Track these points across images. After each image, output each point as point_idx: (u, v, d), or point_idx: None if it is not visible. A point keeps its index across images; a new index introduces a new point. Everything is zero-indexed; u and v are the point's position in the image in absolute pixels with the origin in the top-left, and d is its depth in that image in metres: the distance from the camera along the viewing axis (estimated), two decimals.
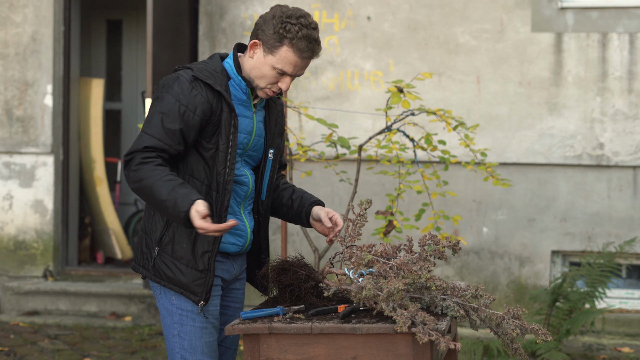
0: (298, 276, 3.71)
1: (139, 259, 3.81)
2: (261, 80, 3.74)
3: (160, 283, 3.74)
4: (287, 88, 3.75)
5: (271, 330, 3.42)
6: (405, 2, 8.18)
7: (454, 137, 7.12)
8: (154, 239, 3.73)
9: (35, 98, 8.75)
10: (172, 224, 3.70)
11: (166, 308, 3.77)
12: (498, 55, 8.06)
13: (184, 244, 3.70)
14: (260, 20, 3.73)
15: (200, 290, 3.71)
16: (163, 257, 3.72)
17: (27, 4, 8.75)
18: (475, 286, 3.54)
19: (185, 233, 3.69)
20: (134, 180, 3.60)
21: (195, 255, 3.70)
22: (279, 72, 3.70)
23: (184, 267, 3.70)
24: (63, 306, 8.56)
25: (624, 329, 7.80)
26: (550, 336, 3.44)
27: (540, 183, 8.03)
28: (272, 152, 3.89)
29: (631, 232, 7.85)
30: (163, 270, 3.72)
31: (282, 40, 3.66)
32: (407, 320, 3.26)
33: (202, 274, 3.71)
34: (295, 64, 3.69)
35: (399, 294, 3.33)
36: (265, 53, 3.69)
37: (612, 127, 7.92)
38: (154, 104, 3.69)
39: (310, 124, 8.07)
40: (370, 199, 3.84)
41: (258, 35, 3.71)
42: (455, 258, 8.15)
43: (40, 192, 8.80)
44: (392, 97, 5.77)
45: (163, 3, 8.29)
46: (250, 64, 3.74)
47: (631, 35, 7.90)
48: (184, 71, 3.72)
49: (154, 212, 3.75)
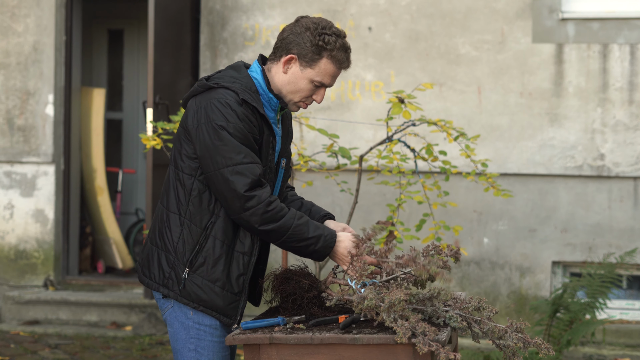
0: (301, 285, 3.71)
1: (158, 277, 3.67)
2: (296, 94, 3.68)
3: (190, 305, 3.62)
4: (321, 100, 3.72)
5: (272, 340, 3.41)
6: (406, 12, 8.20)
7: (455, 147, 7.13)
8: (183, 259, 3.62)
9: (37, 107, 8.76)
10: (206, 244, 3.61)
11: (181, 322, 3.67)
12: (499, 66, 8.07)
13: (221, 267, 3.61)
14: (288, 34, 3.65)
15: (234, 313, 3.66)
16: (195, 279, 3.61)
17: (29, 13, 8.77)
18: (477, 298, 3.54)
19: (221, 256, 3.62)
20: (267, 221, 3.52)
21: (230, 278, 3.63)
22: (317, 84, 3.66)
23: (219, 289, 3.62)
24: (64, 315, 8.56)
25: (624, 340, 7.80)
26: (552, 350, 3.43)
27: (541, 194, 8.03)
28: (284, 162, 3.83)
29: (632, 243, 7.85)
30: (196, 293, 3.61)
31: (321, 52, 3.61)
32: (407, 331, 3.26)
33: (236, 296, 3.66)
34: (334, 74, 3.67)
35: (400, 304, 3.33)
36: (303, 67, 3.63)
37: (613, 138, 7.92)
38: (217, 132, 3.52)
39: (312, 134, 8.08)
40: (381, 225, 3.79)
41: (291, 49, 3.62)
42: (456, 268, 8.15)
43: (41, 201, 8.80)
44: (393, 107, 5.77)
45: (165, 13, 8.30)
46: (284, 79, 3.66)
47: (632, 47, 7.91)
48: (226, 92, 3.58)
49: (181, 230, 3.63)
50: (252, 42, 8.43)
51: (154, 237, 3.73)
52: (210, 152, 3.54)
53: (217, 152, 3.52)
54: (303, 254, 3.61)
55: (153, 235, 3.73)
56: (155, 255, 3.69)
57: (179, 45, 8.63)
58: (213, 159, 3.53)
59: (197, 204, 3.62)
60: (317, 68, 3.62)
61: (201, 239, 3.61)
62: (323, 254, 3.62)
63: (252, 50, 8.41)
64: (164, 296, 3.68)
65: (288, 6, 8.37)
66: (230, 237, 3.63)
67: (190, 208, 3.63)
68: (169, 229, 3.66)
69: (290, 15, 8.34)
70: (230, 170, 3.51)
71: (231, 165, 3.51)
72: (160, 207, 3.73)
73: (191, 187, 3.63)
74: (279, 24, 8.37)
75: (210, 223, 3.62)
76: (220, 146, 3.52)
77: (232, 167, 3.51)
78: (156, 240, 3.70)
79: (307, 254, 3.62)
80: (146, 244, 3.77)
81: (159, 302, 3.74)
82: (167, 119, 7.93)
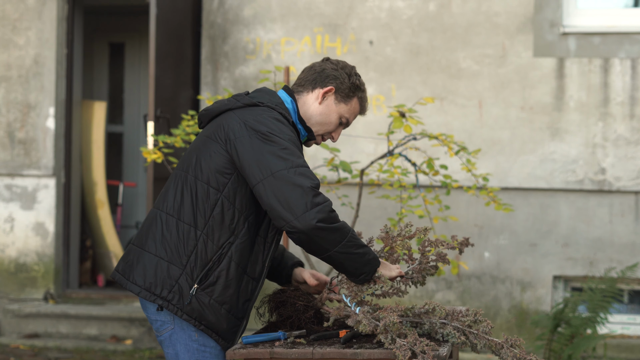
0: (296, 308, 3.69)
1: (157, 288, 3.55)
2: (323, 127, 3.73)
3: (190, 322, 3.53)
4: (337, 139, 3.79)
5: (272, 355, 3.40)
6: (407, 26, 8.21)
7: (456, 161, 7.13)
8: (192, 274, 3.52)
9: (38, 121, 8.77)
10: (220, 263, 3.52)
11: (184, 344, 3.58)
12: (500, 80, 8.07)
13: (231, 290, 3.55)
14: (323, 68, 3.72)
15: (233, 337, 3.63)
16: (202, 297, 3.52)
17: (30, 26, 8.78)
18: (474, 311, 3.53)
19: (234, 278, 3.54)
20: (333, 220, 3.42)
21: (238, 302, 3.58)
22: (343, 121, 3.73)
23: (225, 312, 3.55)
24: (64, 329, 8.54)
25: (625, 355, 7.78)
26: None
27: (542, 208, 8.02)
28: None
29: (633, 258, 7.84)
30: (201, 312, 3.53)
31: (355, 91, 3.72)
32: (406, 352, 3.25)
33: (239, 321, 3.62)
34: (356, 115, 3.77)
35: (395, 326, 3.32)
36: (338, 101, 3.70)
37: (614, 152, 7.92)
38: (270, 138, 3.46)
39: (312, 147, 8.08)
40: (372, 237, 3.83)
41: (330, 82, 3.69)
42: (456, 283, 8.13)
43: (41, 214, 8.80)
44: (394, 121, 5.77)
45: (166, 27, 8.31)
46: (318, 110, 3.71)
47: (633, 61, 7.91)
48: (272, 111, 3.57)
49: (196, 244, 3.52)
50: (253, 56, 8.44)
51: (152, 245, 3.58)
52: (266, 157, 3.43)
53: (274, 155, 3.43)
54: (357, 264, 3.50)
55: (152, 242, 3.59)
56: (156, 265, 3.55)
57: (180, 58, 8.64)
58: (266, 164, 3.42)
59: (219, 220, 3.53)
60: (349, 105, 3.72)
61: (215, 257, 3.53)
62: (375, 265, 3.54)
63: (253, 64, 8.42)
64: (160, 308, 3.56)
65: (289, 20, 8.38)
66: (245, 260, 3.57)
67: (211, 223, 3.53)
68: (180, 241, 3.54)
69: (292, 29, 8.36)
70: (293, 171, 3.41)
71: (293, 167, 3.42)
72: (165, 216, 3.60)
73: (215, 202, 3.53)
74: (280, 38, 8.38)
75: (228, 243, 3.53)
76: (278, 150, 3.44)
77: (295, 169, 3.41)
78: (157, 249, 3.57)
79: (363, 264, 3.50)
80: (140, 253, 3.61)
81: (155, 322, 3.63)
82: (168, 133, 7.92)
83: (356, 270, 3.51)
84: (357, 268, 3.51)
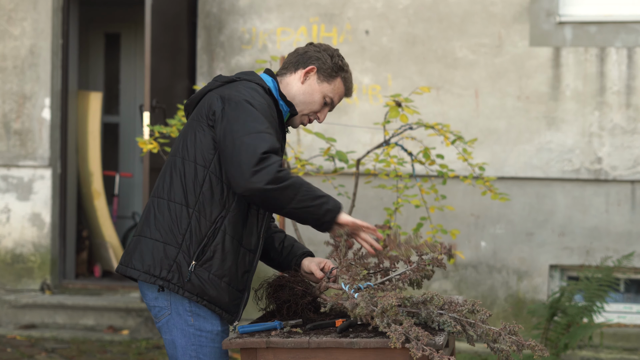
0: (295, 292, 3.70)
1: (156, 269, 3.59)
2: (308, 106, 3.78)
3: (194, 299, 3.57)
4: (323, 119, 3.83)
5: (269, 344, 3.40)
6: (403, 16, 8.20)
7: (452, 151, 7.13)
8: (189, 252, 3.57)
9: (33, 111, 8.76)
10: (215, 238, 3.57)
11: (181, 329, 3.63)
12: (496, 70, 8.07)
13: (229, 262, 3.60)
14: (306, 50, 3.80)
15: (237, 310, 3.66)
16: (201, 273, 3.57)
17: (26, 17, 8.76)
18: (472, 301, 3.53)
19: (230, 250, 3.60)
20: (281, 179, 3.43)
21: (237, 274, 3.63)
22: (327, 100, 3.78)
23: (226, 285, 3.60)
24: (60, 320, 8.55)
25: (622, 344, 7.79)
26: (547, 352, 3.43)
27: (539, 197, 8.03)
28: None
29: (629, 247, 7.85)
30: (202, 287, 3.57)
31: (338, 71, 3.77)
32: (400, 336, 3.26)
33: (240, 293, 3.66)
34: (341, 96, 3.83)
35: (393, 309, 3.33)
36: (320, 80, 3.77)
37: (610, 141, 7.92)
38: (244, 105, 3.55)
39: (309, 137, 8.07)
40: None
41: (312, 62, 3.77)
42: (453, 272, 8.14)
43: (37, 205, 8.79)
44: (391, 111, 5.77)
45: (161, 17, 8.30)
46: (300, 89, 3.77)
47: (629, 50, 7.91)
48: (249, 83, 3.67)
49: (189, 222, 3.57)
50: (249, 46, 8.43)
51: (147, 229, 3.64)
52: (232, 124, 3.51)
53: (239, 121, 3.51)
54: (315, 215, 3.53)
55: (147, 228, 3.65)
56: (152, 248, 3.60)
57: (175, 49, 8.63)
58: (233, 129, 3.50)
59: (209, 197, 3.58)
60: (333, 85, 3.78)
61: (209, 233, 3.58)
62: (335, 214, 3.55)
63: (249, 54, 8.41)
64: (162, 288, 3.59)
65: (285, 10, 8.37)
66: (239, 232, 3.62)
67: (202, 199, 3.58)
68: (173, 221, 3.60)
69: (287, 19, 8.35)
70: (250, 137, 3.47)
71: (254, 132, 3.48)
72: (157, 200, 3.66)
73: (203, 179, 3.59)
74: (275, 28, 8.37)
75: (220, 217, 3.59)
76: (243, 117, 3.52)
77: (255, 134, 3.48)
78: (152, 232, 3.62)
79: (321, 214, 3.53)
80: (137, 239, 3.67)
81: (153, 309, 3.67)
82: (164, 123, 7.92)
83: (317, 222, 3.56)
84: (317, 219, 3.55)
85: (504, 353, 3.45)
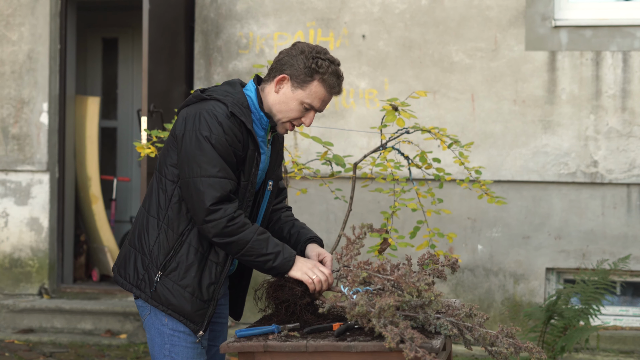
0: (294, 292, 3.73)
1: (132, 277, 3.78)
2: (284, 114, 3.75)
3: (159, 308, 3.73)
4: (310, 123, 3.79)
5: (266, 348, 3.42)
6: (400, 20, 8.22)
7: (449, 155, 7.15)
8: (156, 263, 3.72)
9: (31, 116, 8.77)
10: (180, 250, 3.70)
11: (157, 329, 3.77)
12: (492, 74, 8.09)
13: (192, 273, 3.70)
14: (283, 56, 3.74)
15: (201, 320, 3.74)
16: (166, 282, 3.71)
17: (24, 22, 8.78)
18: (469, 305, 3.55)
19: (194, 262, 3.71)
20: (227, 235, 3.61)
21: (201, 285, 3.72)
22: (307, 106, 3.73)
23: (189, 295, 3.71)
24: (58, 324, 8.56)
25: (618, 346, 7.81)
26: (544, 354, 3.45)
27: (535, 200, 8.05)
28: (271, 184, 3.90)
29: (625, 250, 7.87)
30: (166, 297, 3.71)
31: (313, 75, 3.69)
32: (396, 336, 3.28)
33: (205, 304, 3.74)
34: (323, 99, 3.74)
35: (390, 310, 3.35)
36: (294, 88, 3.71)
37: (606, 144, 7.95)
38: (200, 141, 3.61)
39: (306, 142, 8.09)
40: (371, 223, 3.85)
41: (285, 70, 3.71)
42: (449, 275, 8.14)
43: (35, 209, 8.80)
44: (387, 115, 5.79)
45: (159, 21, 8.32)
46: (275, 99, 3.74)
47: (624, 54, 7.94)
48: (216, 104, 3.67)
49: (158, 234, 3.72)
50: (246, 51, 8.45)
51: (132, 238, 3.81)
52: (189, 160, 3.62)
53: (194, 160, 3.61)
54: (262, 269, 3.69)
55: (132, 237, 3.82)
56: (132, 257, 3.79)
57: (173, 53, 8.65)
58: (190, 166, 3.62)
59: (177, 210, 3.71)
60: (308, 90, 3.71)
61: (176, 245, 3.71)
62: (281, 271, 3.69)
63: (246, 59, 8.43)
64: (136, 297, 3.78)
65: (282, 15, 8.39)
66: (205, 245, 3.72)
67: (169, 213, 3.72)
68: (146, 232, 3.76)
69: (285, 24, 8.37)
70: (202, 181, 3.60)
71: (205, 176, 3.60)
72: (142, 210, 3.82)
73: (172, 193, 3.72)
74: (273, 32, 8.39)
75: (187, 230, 3.71)
76: (199, 155, 3.61)
77: (206, 179, 3.60)
78: (134, 242, 3.79)
79: (266, 270, 3.69)
80: (124, 246, 3.85)
81: (139, 309, 3.83)
82: (162, 127, 7.94)
83: (263, 271, 3.72)
84: (263, 271, 3.71)
85: (502, 355, 3.47)
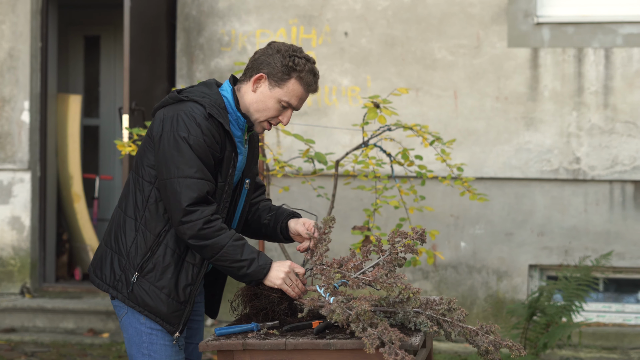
0: (270, 300, 3.70)
1: (109, 278, 3.76)
2: (262, 113, 3.73)
3: (136, 309, 3.71)
4: (288, 122, 3.78)
5: (245, 346, 3.41)
6: (382, 17, 8.22)
7: (431, 152, 7.15)
8: (134, 264, 3.70)
9: (12, 114, 8.73)
10: (157, 251, 3.68)
11: (134, 327, 3.76)
12: (475, 71, 8.09)
13: (169, 275, 3.69)
14: (260, 55, 3.72)
15: (177, 321, 3.73)
16: (143, 283, 3.70)
17: (4, 20, 8.73)
18: (447, 299, 3.55)
19: (171, 264, 3.69)
20: (202, 237, 3.59)
21: (177, 287, 3.71)
22: (284, 105, 3.72)
23: (165, 296, 3.70)
24: (40, 323, 8.52)
25: (601, 343, 7.83)
26: (524, 351, 3.45)
27: (518, 197, 8.06)
28: (247, 182, 3.88)
29: (607, 246, 7.89)
30: (142, 297, 3.70)
31: (290, 73, 3.68)
32: (375, 341, 3.26)
33: (181, 305, 3.73)
34: (301, 96, 3.72)
35: (367, 314, 3.34)
36: (272, 86, 3.69)
37: (589, 141, 7.96)
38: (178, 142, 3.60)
39: (288, 139, 8.08)
40: (334, 216, 3.83)
41: (261, 69, 3.69)
42: (433, 272, 8.16)
43: (17, 208, 8.76)
44: (369, 112, 5.78)
45: (140, 19, 8.29)
46: (252, 98, 3.72)
47: (607, 50, 7.95)
48: (194, 105, 3.66)
49: (135, 235, 3.71)
50: (228, 48, 8.43)
51: (108, 239, 3.80)
52: (167, 161, 3.61)
53: (172, 161, 3.60)
54: (236, 276, 3.66)
55: (108, 237, 3.81)
56: (109, 257, 3.77)
57: (155, 51, 8.62)
58: (167, 167, 3.61)
59: (154, 211, 3.70)
60: (286, 88, 3.69)
61: (153, 246, 3.70)
62: (255, 279, 3.66)
63: (228, 56, 8.41)
64: (112, 297, 3.77)
65: (264, 12, 8.37)
66: (182, 247, 3.71)
67: (146, 214, 3.71)
68: (123, 233, 3.74)
69: (267, 21, 8.35)
70: (179, 182, 3.59)
71: (182, 177, 3.59)
72: (118, 210, 3.80)
73: (149, 194, 3.71)
74: (255, 30, 8.38)
75: (164, 231, 3.70)
76: (176, 156, 3.60)
77: (183, 180, 3.58)
78: (111, 243, 3.78)
79: (240, 277, 3.66)
80: (100, 246, 3.84)
81: (115, 309, 3.82)
82: (143, 125, 7.91)
83: (237, 278, 3.69)
84: (236, 277, 3.68)
85: (483, 347, 3.47)
